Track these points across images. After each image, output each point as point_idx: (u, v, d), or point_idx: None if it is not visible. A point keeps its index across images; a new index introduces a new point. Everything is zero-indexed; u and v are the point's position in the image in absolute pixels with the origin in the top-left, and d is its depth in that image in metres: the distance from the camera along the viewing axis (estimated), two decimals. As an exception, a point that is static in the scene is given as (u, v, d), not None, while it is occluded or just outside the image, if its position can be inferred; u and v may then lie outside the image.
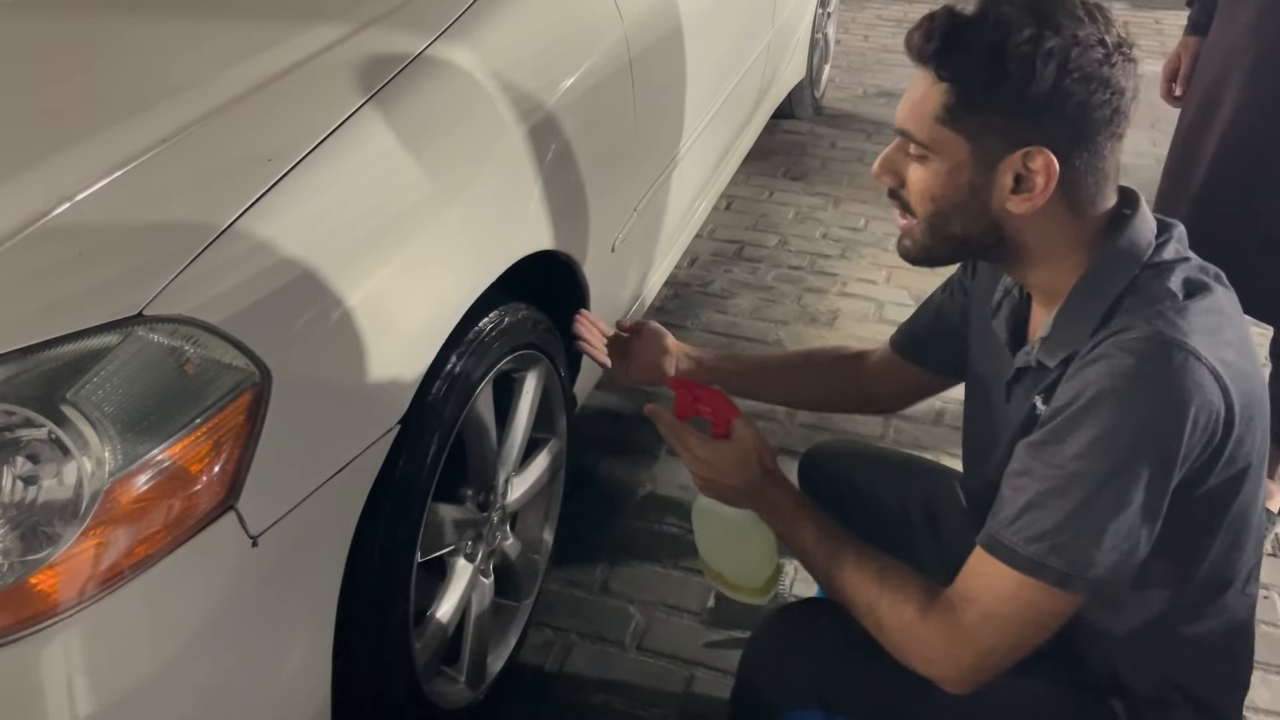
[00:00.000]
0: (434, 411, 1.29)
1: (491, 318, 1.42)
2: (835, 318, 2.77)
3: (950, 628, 1.03)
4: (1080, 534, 0.96)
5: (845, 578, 1.11)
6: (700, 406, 1.27)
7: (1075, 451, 0.96)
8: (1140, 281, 1.02)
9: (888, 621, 1.07)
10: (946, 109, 1.00)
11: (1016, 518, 0.99)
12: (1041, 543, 0.97)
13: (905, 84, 1.06)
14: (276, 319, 1.07)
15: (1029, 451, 1.01)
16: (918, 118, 1.02)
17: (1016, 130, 0.98)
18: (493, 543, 1.58)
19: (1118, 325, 0.99)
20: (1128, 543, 0.96)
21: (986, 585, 1.02)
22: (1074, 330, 1.03)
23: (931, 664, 1.04)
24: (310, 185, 1.15)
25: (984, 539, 1.03)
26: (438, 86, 1.36)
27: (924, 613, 1.04)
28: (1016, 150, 0.99)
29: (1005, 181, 1.01)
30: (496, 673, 1.64)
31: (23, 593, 0.92)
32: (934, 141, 1.01)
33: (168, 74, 1.30)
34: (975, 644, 1.02)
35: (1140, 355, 0.95)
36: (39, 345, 0.95)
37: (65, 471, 0.95)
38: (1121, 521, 0.95)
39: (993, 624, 1.01)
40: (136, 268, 1.02)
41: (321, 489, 1.11)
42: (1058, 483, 0.97)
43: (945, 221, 1.05)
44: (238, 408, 1.02)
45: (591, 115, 1.65)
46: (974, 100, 0.98)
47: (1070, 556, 0.97)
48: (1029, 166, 0.99)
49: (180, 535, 0.98)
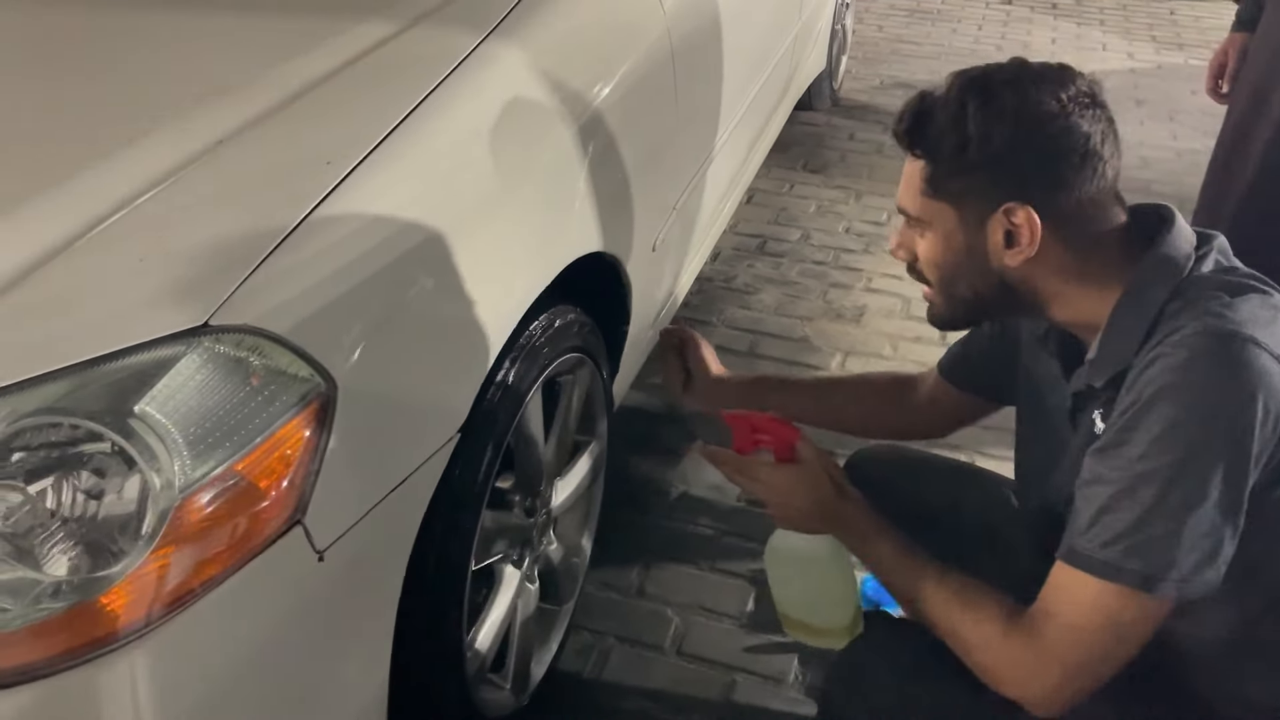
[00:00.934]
0: (489, 418, 1.27)
1: (541, 321, 1.39)
2: (862, 314, 2.75)
3: (1033, 644, 1.01)
4: (1156, 532, 0.94)
5: (926, 597, 1.09)
6: (760, 438, 1.25)
7: (1141, 451, 0.95)
8: (1182, 290, 1.03)
9: (971, 640, 1.05)
10: (927, 181, 1.07)
11: (1090, 525, 0.98)
12: (1116, 545, 0.96)
13: (921, 75, 1.13)
14: (340, 327, 1.04)
15: (1095, 459, 1.00)
16: (908, 195, 1.10)
17: (993, 189, 1.04)
18: (538, 548, 1.56)
19: (1166, 330, 0.99)
20: (1208, 541, 0.94)
21: (1067, 597, 1.00)
22: (1119, 347, 1.04)
23: (1017, 685, 1.02)
24: (369, 189, 1.12)
25: (1062, 552, 1.01)
26: (491, 86, 1.33)
27: (1007, 631, 1.02)
28: (998, 208, 1.05)
29: (997, 239, 1.06)
30: (539, 678, 1.62)
31: (90, 613, 0.90)
32: (925, 213, 1.09)
33: (217, 72, 1.27)
34: (1060, 659, 1.00)
35: (1196, 348, 0.95)
36: (104, 357, 0.92)
37: (131, 486, 0.92)
38: (1199, 518, 0.94)
39: (1075, 636, 0.99)
40: (199, 276, 0.99)
41: (385, 500, 1.08)
42: (1127, 484, 0.96)
43: (953, 285, 1.12)
44: (304, 419, 0.99)
45: (636, 111, 1.62)
46: (946, 168, 1.06)
47: (1148, 557, 0.95)
48: (1013, 221, 1.05)
49: (248, 552, 0.95)
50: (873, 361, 2.55)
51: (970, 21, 5.12)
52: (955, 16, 5.19)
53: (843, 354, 2.58)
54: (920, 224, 1.11)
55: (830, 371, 2.51)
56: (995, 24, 5.08)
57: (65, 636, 0.89)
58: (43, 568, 0.90)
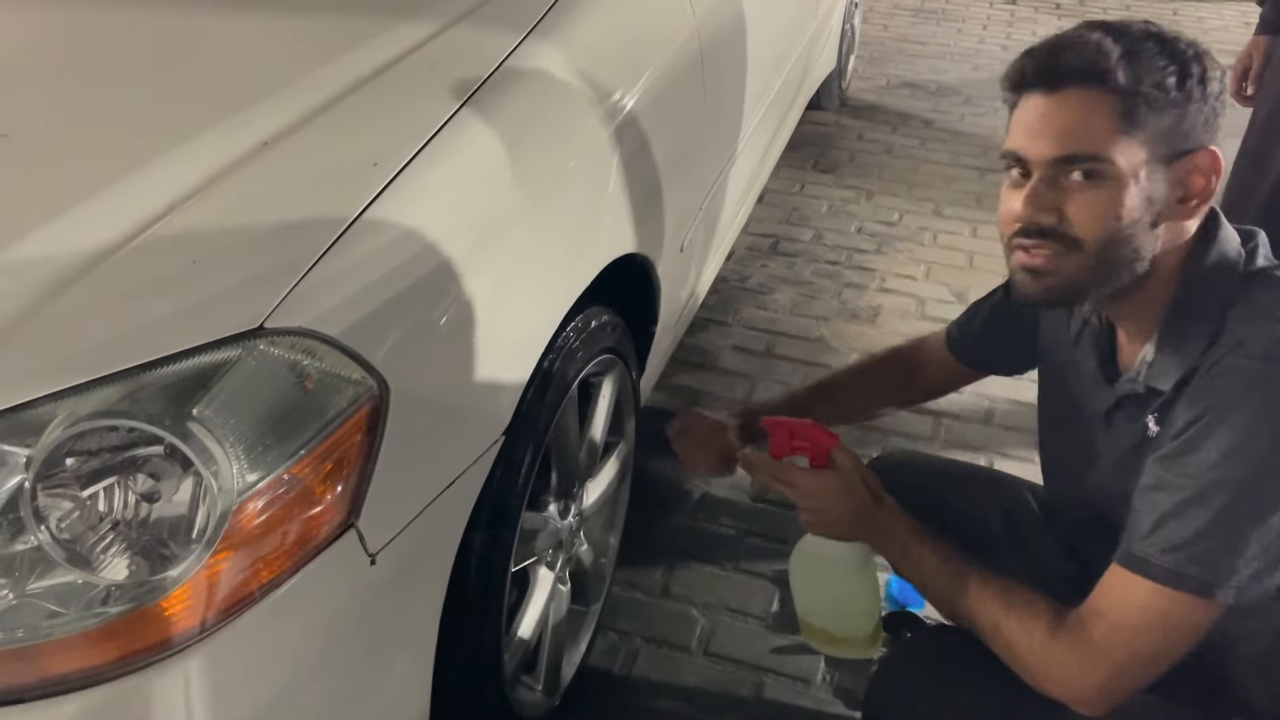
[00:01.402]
0: (529, 420, 1.26)
1: (577, 323, 1.39)
2: (877, 314, 2.75)
3: (1081, 643, 1.01)
4: (1221, 541, 0.95)
5: (970, 600, 1.09)
6: (797, 444, 1.25)
7: (1213, 460, 0.95)
8: (1242, 291, 1.02)
9: (1017, 641, 1.05)
10: (1124, 116, 0.98)
11: (1153, 530, 0.98)
12: (1179, 552, 0.96)
13: (927, 75, 1.09)
14: (391, 330, 1.03)
15: (1161, 465, 1.00)
16: (1090, 135, 0.99)
17: (1190, 130, 0.99)
18: (571, 549, 1.55)
19: (1234, 337, 0.98)
20: (1269, 552, 0.95)
21: (1120, 599, 1.00)
22: (1184, 350, 1.02)
23: (1064, 684, 1.03)
24: (416, 190, 1.11)
25: (1120, 556, 1.01)
26: (530, 87, 1.32)
27: (1054, 630, 1.03)
28: (1187, 152, 0.99)
29: (1173, 192, 1.00)
30: (569, 680, 1.62)
31: (145, 619, 0.89)
32: (1112, 153, 0.98)
33: (260, 73, 1.26)
34: (1108, 659, 1.00)
35: (1268, 359, 0.94)
36: (160, 360, 0.91)
37: (184, 490, 0.91)
38: (1264, 530, 0.94)
39: (1124, 637, 1.00)
40: (253, 278, 0.98)
41: (435, 502, 1.08)
42: (1195, 491, 0.96)
43: (1121, 245, 1.01)
44: (357, 422, 0.98)
45: (667, 112, 1.62)
46: (1153, 103, 0.98)
47: (1210, 564, 0.95)
48: (1195, 168, 0.99)
49: (303, 556, 0.95)
50: (889, 362, 2.55)
51: (975, 21, 5.13)
52: (960, 16, 5.19)
53: (859, 354, 2.57)
54: (1096, 167, 0.99)
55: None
56: (1000, 24, 5.09)
57: (120, 642, 0.88)
58: (97, 572, 0.89)
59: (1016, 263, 1.06)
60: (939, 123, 3.95)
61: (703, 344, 2.59)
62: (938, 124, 3.93)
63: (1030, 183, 1.03)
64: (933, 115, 4.01)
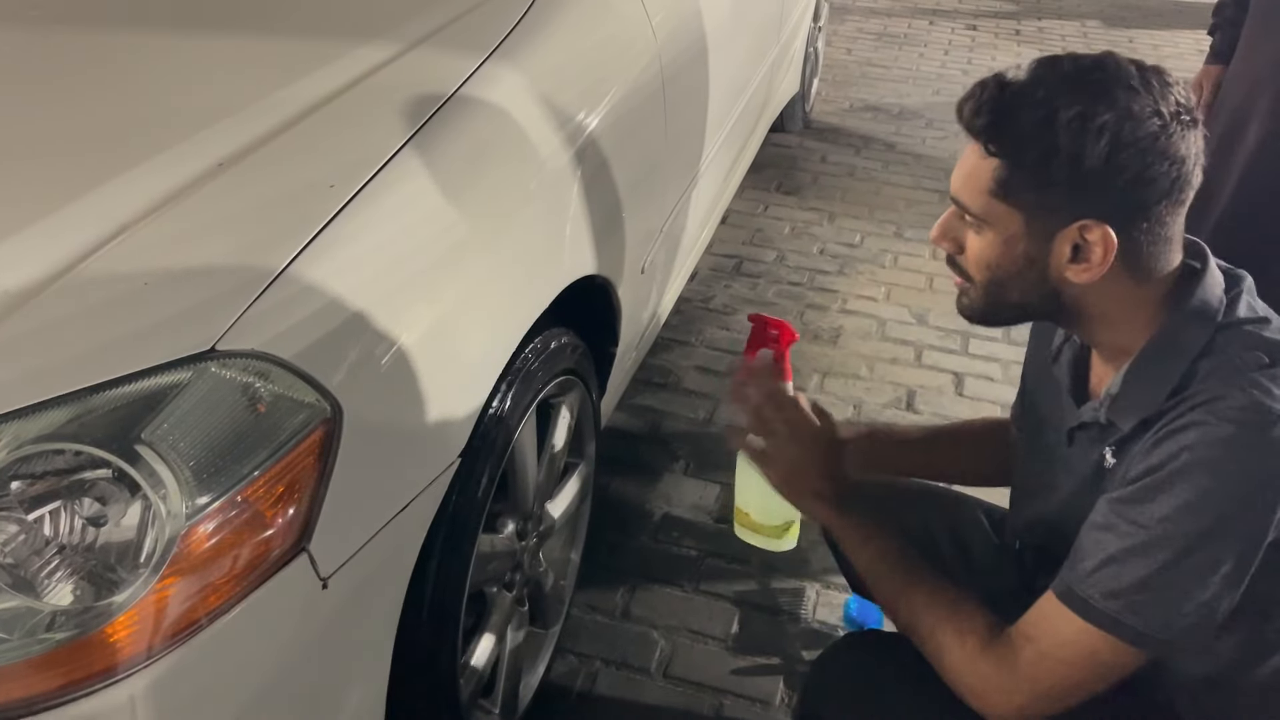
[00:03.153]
0: (486, 442, 1.26)
1: (535, 345, 1.39)
2: (838, 335, 2.77)
3: (1006, 664, 1.03)
4: (1160, 596, 0.95)
5: (917, 600, 1.10)
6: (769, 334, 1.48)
7: (1164, 514, 0.95)
8: (1218, 344, 1.00)
9: (948, 649, 1.06)
10: (998, 183, 0.99)
11: (1094, 571, 0.99)
12: (1119, 599, 0.97)
13: (890, 99, 1.09)
14: (345, 352, 1.03)
15: (1112, 507, 1.00)
16: (970, 190, 1.02)
17: (1071, 204, 0.97)
18: (529, 571, 1.55)
19: (1205, 391, 0.97)
20: (1206, 609, 0.96)
21: (1052, 630, 1.01)
22: (1147, 393, 1.02)
23: (983, 699, 1.04)
24: (373, 213, 1.11)
25: (1059, 587, 1.02)
26: (490, 109, 1.32)
27: (984, 646, 1.04)
28: (1072, 223, 0.98)
29: (1063, 251, 1.00)
30: (527, 703, 1.61)
31: (91, 645, 0.88)
32: (987, 214, 1.01)
33: (216, 95, 1.25)
34: (1030, 684, 1.02)
35: (1240, 424, 0.93)
36: (109, 383, 0.90)
37: (132, 514, 0.90)
38: (1204, 588, 0.95)
39: (1053, 669, 1.01)
40: (206, 300, 0.97)
41: (389, 526, 1.07)
42: (1141, 541, 0.96)
43: (1003, 290, 1.05)
44: (310, 445, 0.98)
45: (628, 134, 1.63)
46: (1025, 176, 0.98)
47: (1146, 616, 0.96)
48: (1086, 239, 0.98)
49: (253, 581, 0.94)
50: (850, 383, 2.57)
51: (937, 46, 5.20)
52: (922, 41, 5.27)
53: (820, 375, 2.60)
54: (979, 222, 1.03)
55: (809, 392, 2.52)
56: (961, 49, 5.17)
57: (65, 669, 0.87)
58: (42, 597, 0.88)
59: None
60: (901, 146, 4.00)
61: (666, 364, 2.60)
62: (900, 147, 3.98)
63: (947, 210, 1.08)
64: (895, 138, 4.06)
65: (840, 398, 2.52)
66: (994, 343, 2.75)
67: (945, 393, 2.56)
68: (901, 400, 2.52)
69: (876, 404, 2.50)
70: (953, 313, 1.28)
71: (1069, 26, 5.63)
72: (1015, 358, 2.60)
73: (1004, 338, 2.76)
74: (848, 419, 2.30)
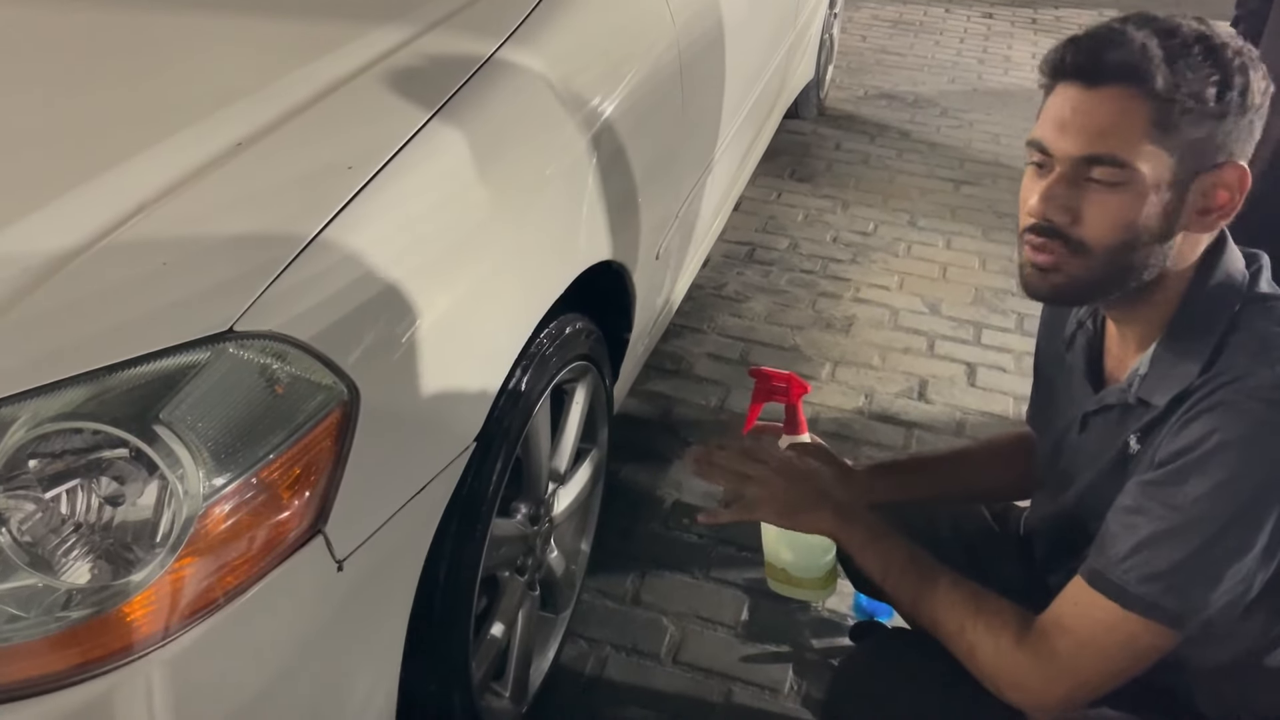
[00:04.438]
0: (501, 427, 1.26)
1: (550, 330, 1.38)
2: (851, 324, 2.76)
3: (1046, 656, 1.02)
4: (1197, 577, 0.95)
5: (936, 600, 1.09)
6: (776, 385, 1.40)
7: (1197, 495, 0.95)
8: (1244, 317, 1.01)
9: (980, 646, 1.06)
10: (1157, 125, 0.94)
11: (1128, 555, 0.98)
12: (1156, 583, 0.96)
13: (904, 86, 1.05)
14: (362, 335, 1.03)
15: (1143, 490, 0.99)
16: (1120, 138, 0.95)
17: (1222, 143, 0.96)
18: (541, 556, 1.55)
19: (1233, 369, 0.97)
20: (1242, 585, 0.96)
21: (1089, 618, 1.01)
22: (1179, 368, 1.02)
23: (1024, 691, 1.04)
24: (391, 195, 1.10)
25: (1089, 574, 1.02)
26: (508, 93, 1.32)
27: (1020, 640, 1.04)
28: (1215, 165, 0.96)
29: (1195, 201, 0.98)
30: (537, 687, 1.61)
31: (107, 624, 0.88)
32: (1141, 159, 0.95)
33: (235, 75, 1.25)
34: (1072, 673, 1.01)
35: (1270, 403, 0.94)
36: (127, 362, 0.90)
37: (149, 493, 0.90)
38: (1240, 567, 0.95)
39: (1092, 657, 1.01)
40: (224, 280, 0.97)
41: (404, 509, 1.07)
42: (1175, 524, 0.96)
43: (1129, 252, 0.99)
44: (327, 428, 0.97)
45: (645, 120, 1.62)
46: (1190, 113, 0.94)
47: (1184, 597, 0.96)
48: (1220, 181, 0.97)
49: (269, 562, 0.94)
50: (861, 372, 2.57)
51: (952, 34, 5.17)
52: (938, 29, 5.23)
53: (832, 364, 2.59)
54: (1120, 174, 0.96)
55: (819, 381, 2.52)
56: (977, 37, 5.13)
57: (82, 647, 0.87)
58: (60, 576, 0.88)
59: (1026, 256, 1.04)
60: (915, 134, 3.97)
61: (678, 351, 2.59)
62: (914, 135, 3.96)
63: (1049, 178, 1.00)
64: (909, 126, 4.04)
65: (852, 387, 2.51)
66: (1007, 334, 2.74)
67: (957, 383, 2.55)
68: (913, 390, 2.51)
69: (888, 393, 2.49)
70: (966, 303, 1.27)
71: (1086, 15, 5.58)
72: (1028, 348, 2.59)
73: (1017, 328, 2.75)
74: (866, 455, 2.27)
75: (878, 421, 2.40)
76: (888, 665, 1.19)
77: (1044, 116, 1.02)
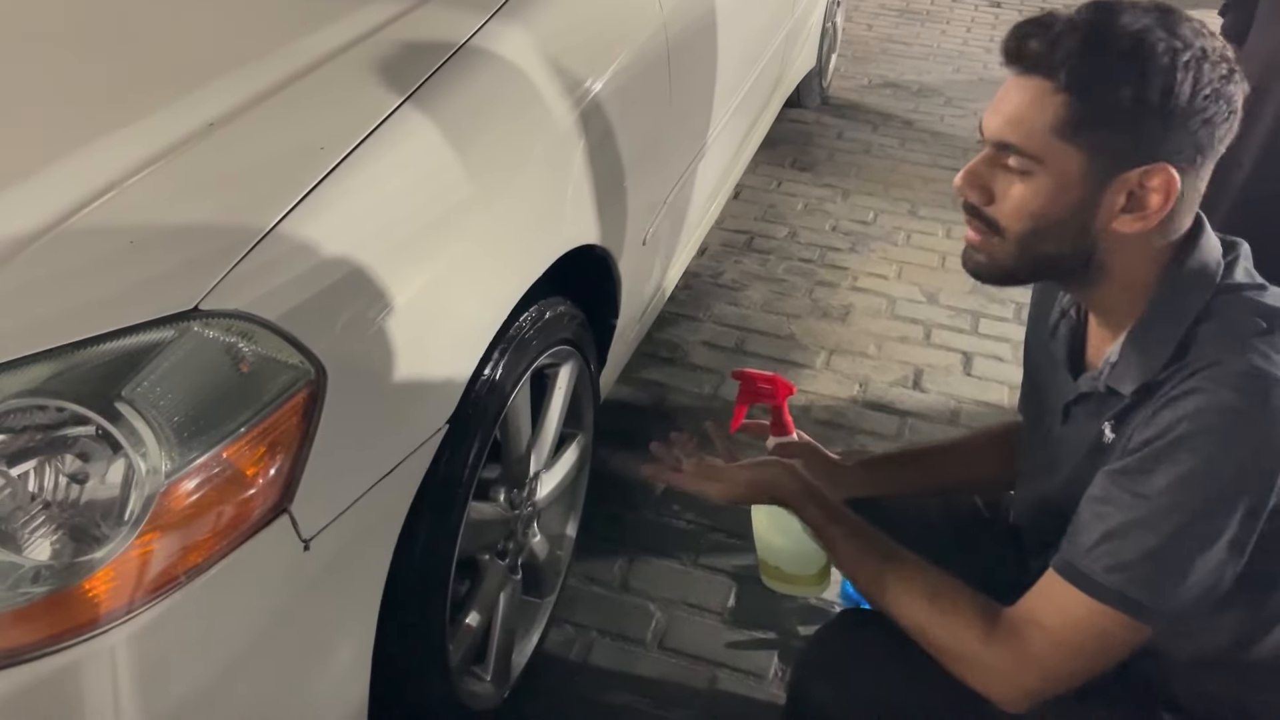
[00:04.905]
0: (477, 409, 1.26)
1: (531, 313, 1.38)
2: (848, 313, 2.75)
3: (1017, 653, 1.01)
4: (1165, 567, 0.94)
5: (895, 594, 1.08)
6: (761, 387, 1.39)
7: (1165, 484, 0.94)
8: (1216, 306, 0.99)
9: (946, 642, 1.04)
10: (1067, 122, 0.94)
11: (1096, 545, 0.97)
12: (1123, 573, 0.95)
13: (909, 76, 1.05)
14: (331, 315, 1.03)
15: (1112, 479, 0.98)
16: (1026, 129, 0.95)
17: (1142, 146, 0.93)
18: (523, 540, 1.55)
19: (1204, 357, 0.96)
20: (1212, 578, 0.95)
21: (1058, 610, 1.00)
22: (1147, 357, 1.01)
23: (992, 686, 1.03)
24: (364, 176, 1.11)
25: (1060, 564, 1.01)
26: (490, 72, 1.32)
27: (987, 637, 1.02)
28: (1136, 167, 0.94)
29: (1116, 200, 0.96)
30: (520, 671, 1.61)
31: (73, 599, 0.88)
32: (1046, 155, 0.95)
33: (213, 54, 1.25)
34: (1042, 668, 1.00)
35: (1240, 391, 0.92)
36: (92, 339, 0.91)
37: (115, 471, 0.91)
38: (1208, 557, 0.94)
39: (1062, 650, 1.00)
40: (191, 259, 0.98)
41: (373, 490, 1.07)
42: (1144, 514, 0.95)
43: (1039, 241, 0.99)
44: (293, 407, 0.98)
45: (631, 104, 1.61)
46: (1103, 113, 0.93)
47: (1152, 589, 0.95)
48: (1146, 185, 0.95)
49: (234, 540, 0.94)
50: (857, 360, 2.56)
51: (959, 23, 5.13)
52: (944, 18, 5.20)
53: (828, 352, 2.58)
54: (1028, 164, 0.96)
55: (814, 369, 2.51)
56: (984, 26, 5.10)
57: (46, 622, 0.88)
58: (24, 551, 0.89)
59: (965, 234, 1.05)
60: (919, 123, 3.95)
61: (673, 339, 2.59)
62: (918, 124, 3.94)
63: (976, 156, 1.01)
64: (913, 116, 4.01)
65: (847, 375, 2.51)
66: (1004, 323, 2.73)
67: (953, 372, 2.54)
68: (908, 379, 2.51)
69: (883, 382, 2.49)
70: (964, 292, 1.26)
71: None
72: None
73: (1014, 318, 2.74)
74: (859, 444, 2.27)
75: (872, 410, 2.39)
76: (854, 643, 1.19)
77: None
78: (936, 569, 1.09)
